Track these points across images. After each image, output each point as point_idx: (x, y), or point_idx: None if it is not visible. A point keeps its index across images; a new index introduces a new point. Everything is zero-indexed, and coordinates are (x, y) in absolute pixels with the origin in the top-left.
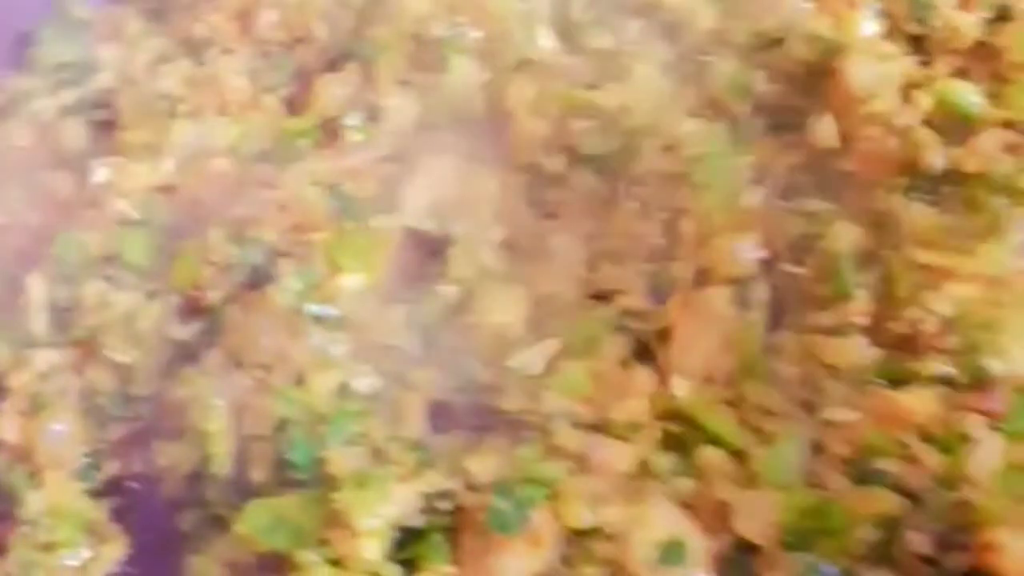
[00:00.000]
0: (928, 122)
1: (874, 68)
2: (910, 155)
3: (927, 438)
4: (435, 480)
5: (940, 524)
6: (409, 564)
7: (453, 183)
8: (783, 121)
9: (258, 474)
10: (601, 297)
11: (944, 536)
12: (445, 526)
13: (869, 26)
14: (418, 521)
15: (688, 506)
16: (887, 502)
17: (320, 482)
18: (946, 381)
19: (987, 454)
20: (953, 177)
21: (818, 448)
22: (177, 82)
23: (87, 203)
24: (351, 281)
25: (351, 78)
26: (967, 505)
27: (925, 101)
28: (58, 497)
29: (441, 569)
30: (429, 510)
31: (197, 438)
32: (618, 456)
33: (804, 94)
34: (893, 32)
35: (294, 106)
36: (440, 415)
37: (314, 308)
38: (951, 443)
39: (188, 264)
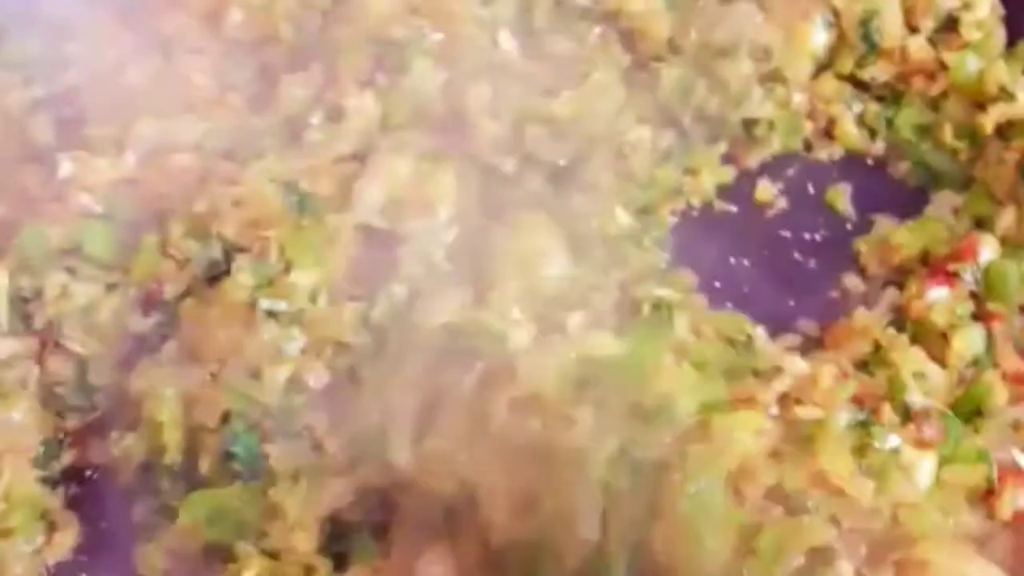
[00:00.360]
0: None
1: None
2: None
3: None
4: (369, 476)
5: (868, 546)
6: (341, 558)
7: (409, 181)
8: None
9: (205, 465)
10: None
11: (872, 554)
12: (377, 522)
13: (819, 37)
14: (351, 516)
15: None
16: (819, 533)
17: (260, 475)
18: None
19: (921, 476)
20: None
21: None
22: (144, 79)
23: (52, 196)
24: (305, 277)
25: (315, 78)
26: (895, 523)
27: None
28: (14, 484)
29: (370, 564)
30: (362, 505)
31: (149, 428)
32: None
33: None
34: (841, 45)
35: (258, 105)
36: None
37: (267, 303)
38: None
39: (148, 257)
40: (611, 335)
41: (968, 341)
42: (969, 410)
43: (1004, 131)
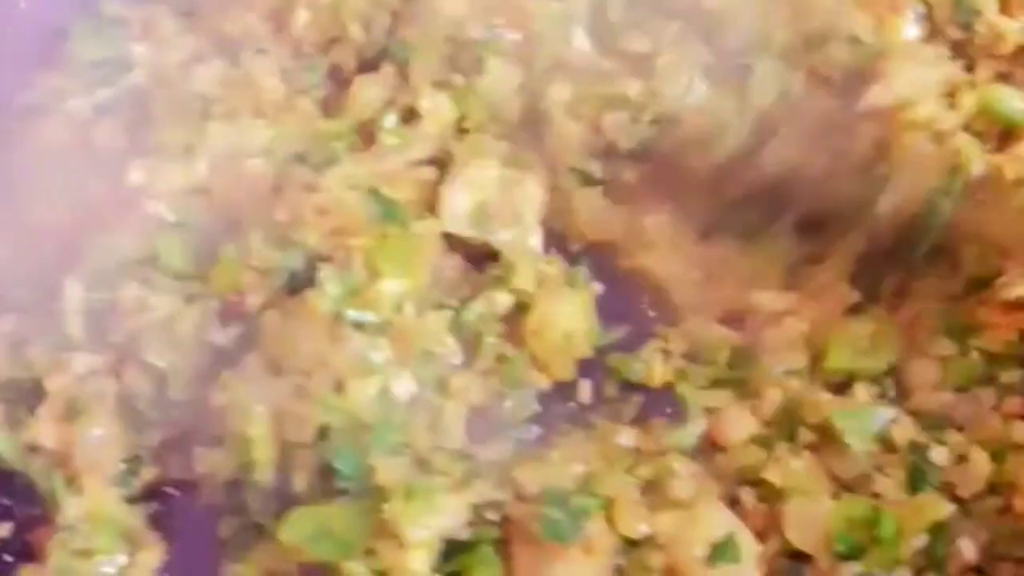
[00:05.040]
0: (969, 127)
1: (916, 72)
2: (950, 161)
3: (979, 442)
4: (483, 490)
5: (989, 532)
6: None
7: (495, 189)
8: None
9: (300, 482)
10: None
11: (993, 545)
12: (494, 537)
13: (911, 29)
14: (465, 533)
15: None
16: (939, 509)
17: (366, 492)
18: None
19: None
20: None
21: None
22: (211, 82)
23: (122, 204)
24: (391, 286)
25: (387, 80)
26: (1016, 515)
27: (967, 106)
28: (96, 503)
29: None
30: (477, 521)
31: (237, 444)
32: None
33: (844, 98)
34: (935, 35)
35: (329, 108)
36: (479, 424)
37: (354, 314)
38: (1003, 450)
39: (228, 268)
40: None
41: None
42: None
43: None
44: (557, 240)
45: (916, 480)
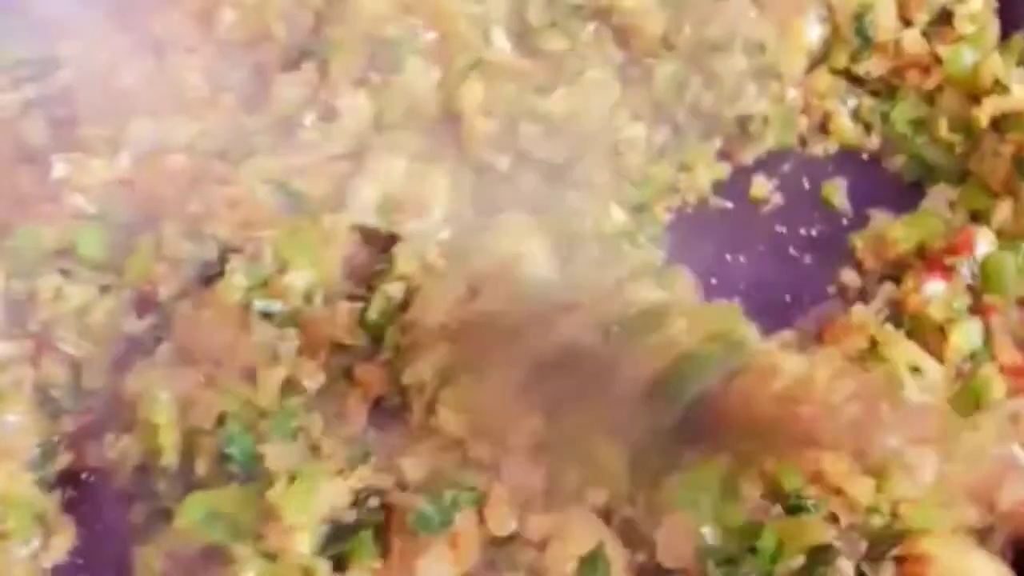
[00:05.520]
0: None
1: None
2: None
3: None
4: (367, 477)
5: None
6: (340, 559)
7: (403, 181)
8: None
9: (202, 467)
10: None
11: (873, 549)
12: (376, 523)
13: (813, 31)
14: (349, 517)
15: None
16: (819, 532)
17: (257, 476)
18: None
19: (923, 474)
20: None
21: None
22: (136, 80)
23: (46, 198)
24: (300, 277)
25: (308, 78)
26: (896, 519)
27: None
28: (10, 487)
29: (369, 565)
30: (360, 507)
31: (145, 431)
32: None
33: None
34: (835, 40)
35: (252, 105)
36: (381, 413)
37: (261, 304)
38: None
39: (142, 259)
40: None
41: (965, 335)
42: (967, 404)
43: (999, 124)
44: None
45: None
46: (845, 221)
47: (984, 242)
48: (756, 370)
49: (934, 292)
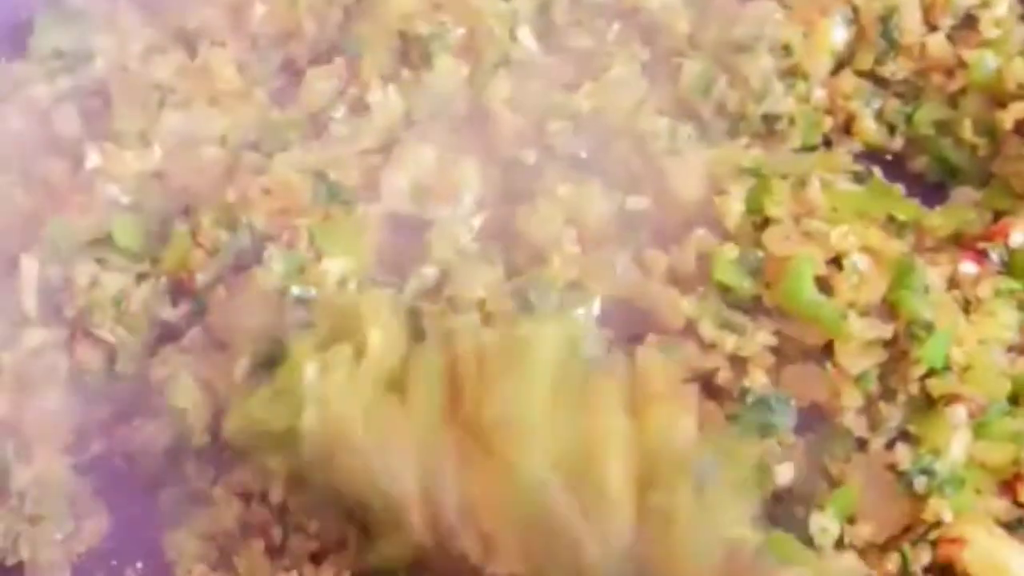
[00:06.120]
0: None
1: None
2: None
3: None
4: None
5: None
6: None
7: (434, 170)
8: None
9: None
10: None
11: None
12: None
13: (839, 33)
14: None
15: None
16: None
17: None
18: None
19: (957, 446)
20: None
21: None
22: (169, 72)
23: (80, 188)
24: (335, 265)
25: (338, 72)
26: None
27: None
28: (46, 472)
29: None
30: None
31: (172, 415)
32: None
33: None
34: (861, 42)
35: (283, 99)
36: None
37: (298, 290)
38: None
39: (178, 247)
40: None
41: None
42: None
43: (1022, 127)
44: None
45: None
46: None
47: (1020, 233)
48: None
49: (966, 272)
